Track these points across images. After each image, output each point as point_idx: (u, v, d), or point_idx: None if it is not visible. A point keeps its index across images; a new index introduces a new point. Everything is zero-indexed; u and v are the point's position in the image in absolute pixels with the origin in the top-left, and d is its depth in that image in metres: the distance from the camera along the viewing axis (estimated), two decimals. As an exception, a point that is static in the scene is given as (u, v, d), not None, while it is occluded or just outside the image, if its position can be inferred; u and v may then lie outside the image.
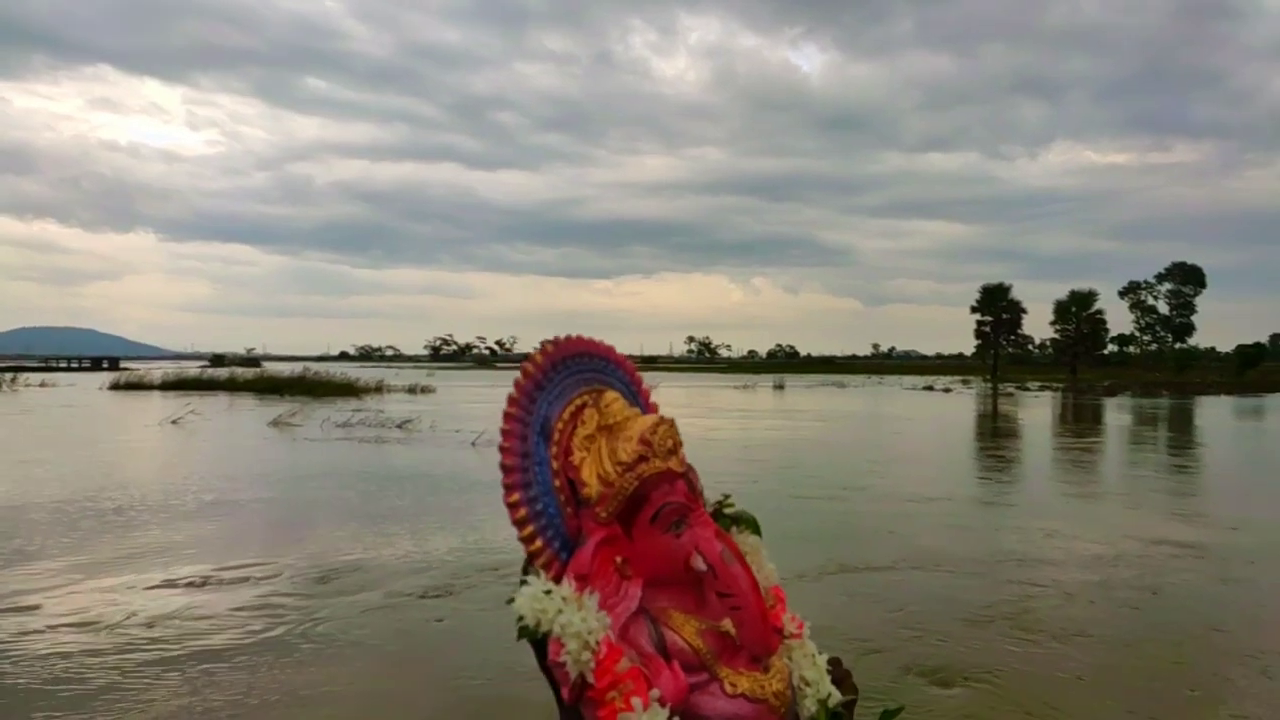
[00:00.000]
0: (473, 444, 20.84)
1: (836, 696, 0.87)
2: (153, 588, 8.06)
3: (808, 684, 0.87)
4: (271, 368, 73.88)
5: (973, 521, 12.07)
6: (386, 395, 44.03)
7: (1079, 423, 33.79)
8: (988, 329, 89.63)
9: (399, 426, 25.43)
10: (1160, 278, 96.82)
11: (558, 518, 0.86)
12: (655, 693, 0.74)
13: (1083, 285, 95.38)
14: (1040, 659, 6.45)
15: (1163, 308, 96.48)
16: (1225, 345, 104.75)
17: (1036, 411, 39.56)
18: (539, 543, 0.85)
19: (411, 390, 48.36)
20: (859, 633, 6.70)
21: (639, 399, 0.98)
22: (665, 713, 0.74)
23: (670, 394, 52.76)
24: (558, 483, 0.88)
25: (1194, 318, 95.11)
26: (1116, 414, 37.54)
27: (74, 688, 5.59)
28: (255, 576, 8.45)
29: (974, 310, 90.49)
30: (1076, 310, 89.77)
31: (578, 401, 0.93)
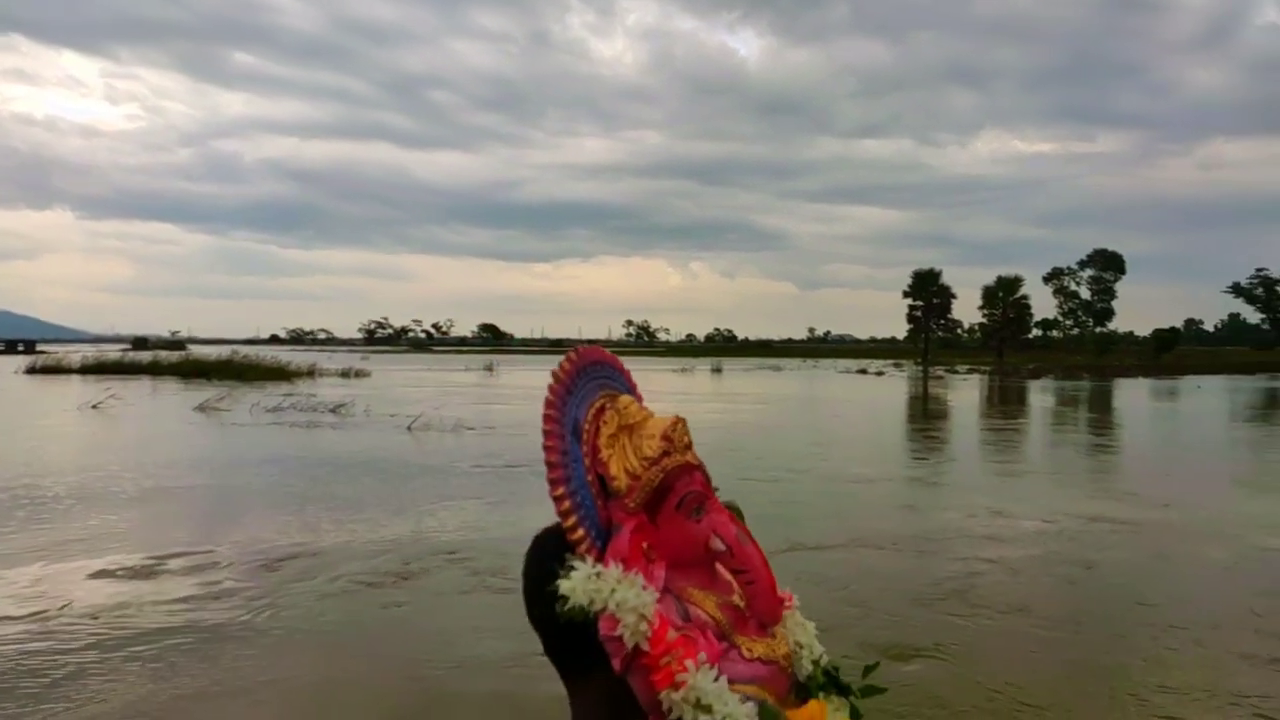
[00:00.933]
0: (409, 428, 20.55)
1: (826, 656, 1.00)
2: (93, 576, 7.78)
3: (802, 646, 0.99)
4: (197, 351, 71.52)
5: (914, 501, 12.35)
6: (319, 379, 43.03)
7: (1007, 405, 34.85)
8: (919, 313, 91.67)
9: (333, 411, 24.83)
10: (1082, 264, 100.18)
11: (592, 509, 0.94)
12: (702, 655, 0.85)
13: (1009, 271, 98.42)
14: (989, 634, 6.63)
15: (1084, 293, 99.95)
16: (1143, 329, 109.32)
17: (966, 394, 40.67)
18: (580, 531, 0.91)
19: (345, 374, 47.29)
20: (811, 612, 6.78)
21: (634, 393, 1.09)
22: (714, 671, 0.84)
23: (609, 377, 52.77)
24: (590, 478, 0.96)
25: (1114, 303, 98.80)
26: (1041, 396, 38.80)
27: (33, 681, 5.39)
28: (199, 564, 8.20)
29: (906, 295, 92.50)
30: (1003, 295, 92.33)
31: (597, 404, 1.01)
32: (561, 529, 0.95)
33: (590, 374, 1.03)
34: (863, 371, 66.03)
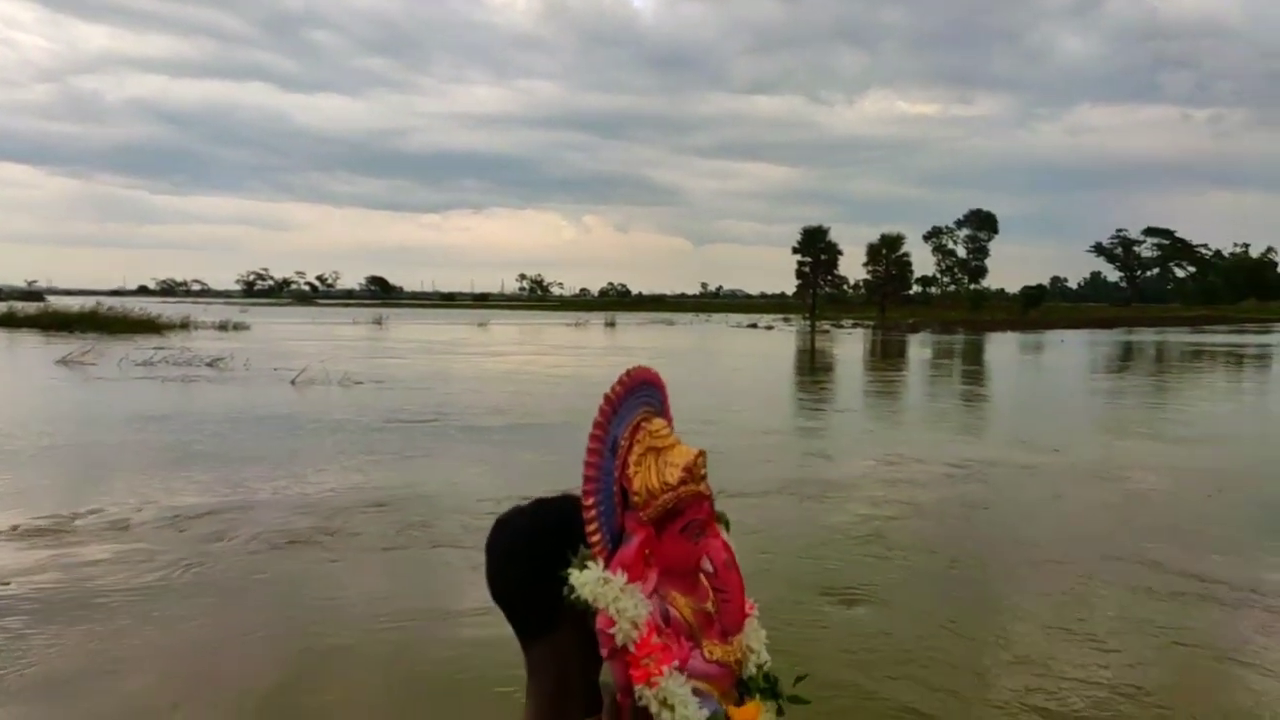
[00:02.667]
0: (292, 382, 19.71)
1: (769, 662, 1.13)
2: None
3: (751, 651, 1.12)
4: (58, 302, 66.38)
5: (822, 450, 12.63)
6: (194, 332, 40.64)
7: (894, 358, 36.09)
8: (808, 269, 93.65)
9: (209, 365, 23.54)
10: (959, 223, 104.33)
11: (611, 517, 1.08)
12: (675, 663, 1.01)
13: (892, 229, 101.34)
14: (911, 574, 6.83)
15: (961, 251, 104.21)
16: (1013, 286, 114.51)
17: (853, 348, 41.90)
18: (598, 537, 1.06)
19: (223, 327, 44.87)
20: (740, 558, 6.76)
21: (666, 411, 1.19)
22: (683, 677, 1.01)
23: (503, 331, 52.04)
24: (616, 488, 1.09)
25: (987, 261, 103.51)
26: (923, 349, 40.30)
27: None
28: (106, 525, 7.71)
29: (795, 251, 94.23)
30: (886, 253, 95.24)
31: (635, 421, 1.13)
32: (523, 511, 1.17)
33: (637, 393, 1.14)
34: (753, 326, 67.15)
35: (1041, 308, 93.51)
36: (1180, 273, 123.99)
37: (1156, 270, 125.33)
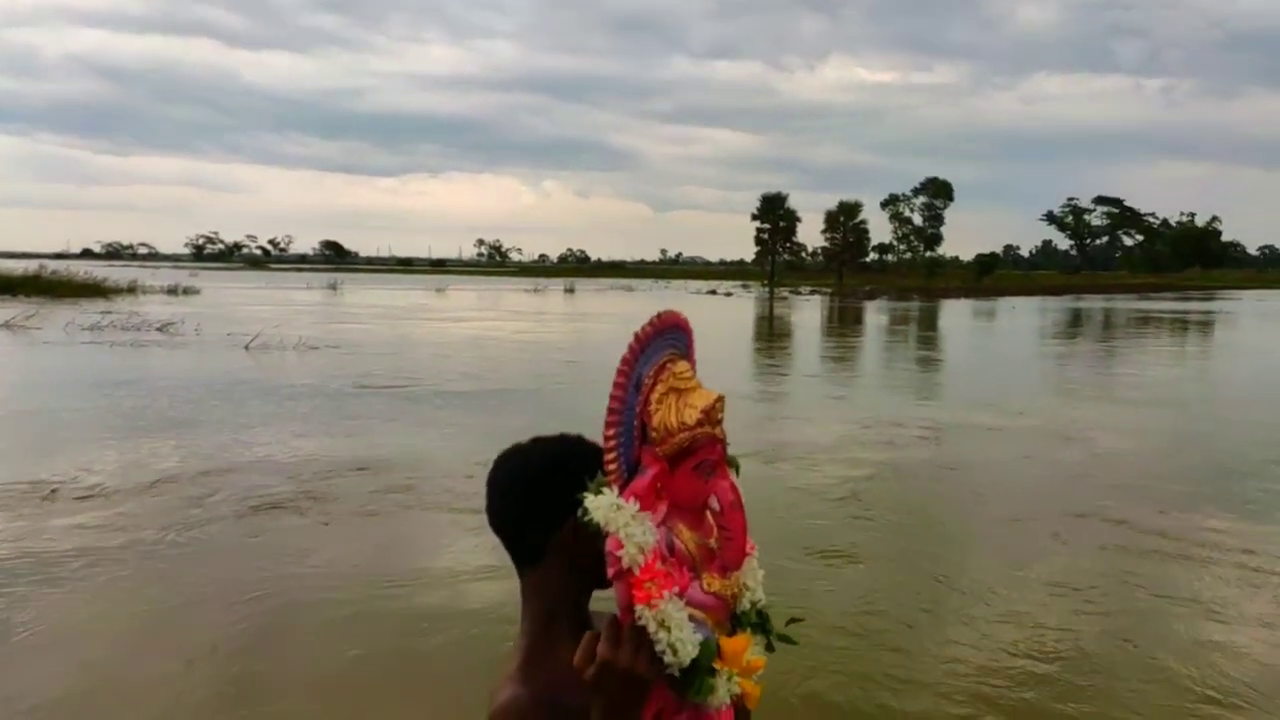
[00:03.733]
0: (246, 348, 19.32)
1: (763, 600, 1.20)
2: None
3: (747, 588, 1.18)
4: (-6, 265, 64.25)
5: (795, 414, 12.74)
6: (142, 297, 39.50)
7: (855, 324, 36.43)
8: (767, 236, 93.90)
9: (159, 329, 23.02)
10: (916, 191, 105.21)
11: (629, 449, 1.12)
12: (675, 589, 1.06)
13: (850, 197, 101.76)
14: (904, 533, 6.96)
15: (917, 219, 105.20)
16: (967, 254, 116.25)
17: (812, 314, 42.20)
18: (614, 465, 1.11)
19: (172, 291, 43.75)
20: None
21: (690, 355, 1.23)
22: (681, 602, 1.06)
23: (462, 297, 51.44)
24: (636, 423, 1.13)
25: (942, 229, 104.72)
26: (881, 316, 40.72)
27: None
28: (80, 491, 7.56)
29: (755, 218, 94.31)
30: (844, 220, 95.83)
31: (661, 362, 1.17)
32: (522, 449, 1.26)
33: (665, 336, 1.17)
34: (713, 293, 67.21)
35: (994, 275, 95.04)
36: (1129, 241, 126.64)
37: (1105, 239, 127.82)
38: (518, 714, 1.12)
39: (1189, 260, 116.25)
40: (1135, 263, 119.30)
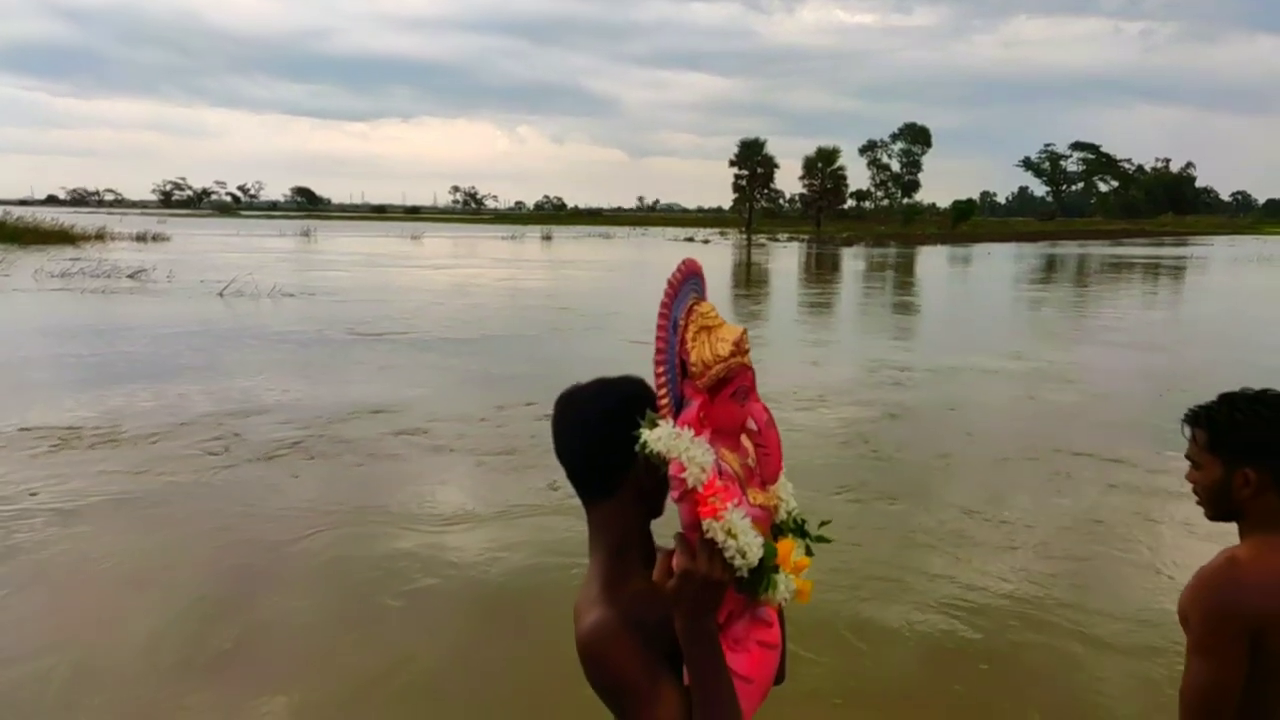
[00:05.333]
0: (220, 294, 19.07)
1: (798, 509, 1.31)
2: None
3: (782, 500, 1.29)
4: (-46, 213, 62.46)
5: (804, 358, 12.73)
6: (111, 244, 38.64)
7: (837, 271, 36.43)
8: (744, 183, 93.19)
9: (130, 277, 22.69)
10: (894, 137, 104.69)
11: (675, 384, 1.23)
12: (735, 500, 1.15)
13: (829, 143, 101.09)
14: (909, 471, 7.03)
15: (895, 166, 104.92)
16: (944, 201, 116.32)
17: (791, 261, 42.04)
18: (666, 400, 1.20)
19: (141, 238, 42.78)
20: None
21: (704, 295, 1.36)
22: (742, 511, 1.15)
23: (439, 245, 50.74)
24: (676, 361, 1.24)
25: (920, 175, 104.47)
26: (861, 262, 40.70)
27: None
28: (87, 438, 7.42)
29: (732, 164, 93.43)
30: (822, 166, 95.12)
31: (689, 304, 1.27)
32: (586, 389, 1.33)
33: (691, 282, 1.29)
34: (690, 239, 66.80)
35: (970, 222, 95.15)
36: (1104, 187, 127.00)
37: (1081, 185, 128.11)
38: (609, 634, 1.20)
39: (1163, 206, 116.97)
40: (1110, 209, 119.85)
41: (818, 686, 3.79)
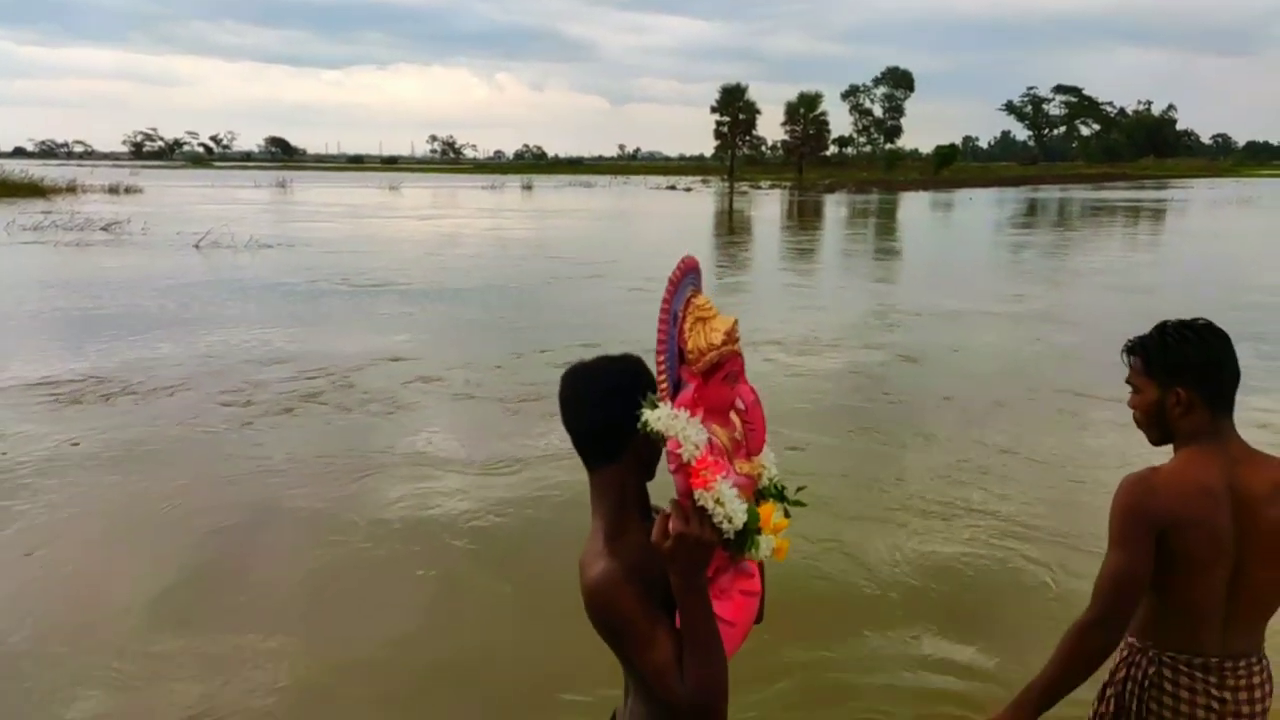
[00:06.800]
0: (196, 246, 18.82)
1: (778, 476, 1.46)
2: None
3: (765, 468, 1.45)
4: (-83, 166, 60.87)
5: (808, 303, 12.76)
6: (82, 196, 37.81)
7: (821, 218, 36.35)
8: (726, 130, 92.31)
9: (104, 229, 22.37)
10: (876, 81, 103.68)
11: (675, 369, 1.38)
12: (725, 473, 1.31)
13: (811, 88, 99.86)
14: (916, 411, 7.12)
15: (878, 111, 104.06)
16: (927, 146, 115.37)
17: (775, 209, 41.83)
18: (664, 385, 1.35)
19: (113, 191, 41.98)
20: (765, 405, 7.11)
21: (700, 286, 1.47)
22: (730, 483, 1.31)
23: (419, 196, 50.01)
24: (677, 348, 1.38)
25: (903, 120, 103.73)
26: (844, 210, 40.57)
27: None
28: (95, 389, 7.40)
29: (714, 110, 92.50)
30: (805, 112, 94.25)
31: (688, 297, 1.40)
32: (590, 366, 1.47)
33: (689, 277, 1.40)
34: (672, 188, 66.29)
35: (953, 167, 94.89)
36: (1086, 131, 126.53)
37: (1063, 129, 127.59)
38: (614, 583, 1.37)
39: (1144, 149, 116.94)
40: (1091, 153, 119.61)
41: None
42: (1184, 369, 1.84)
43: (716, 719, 1.38)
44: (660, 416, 1.31)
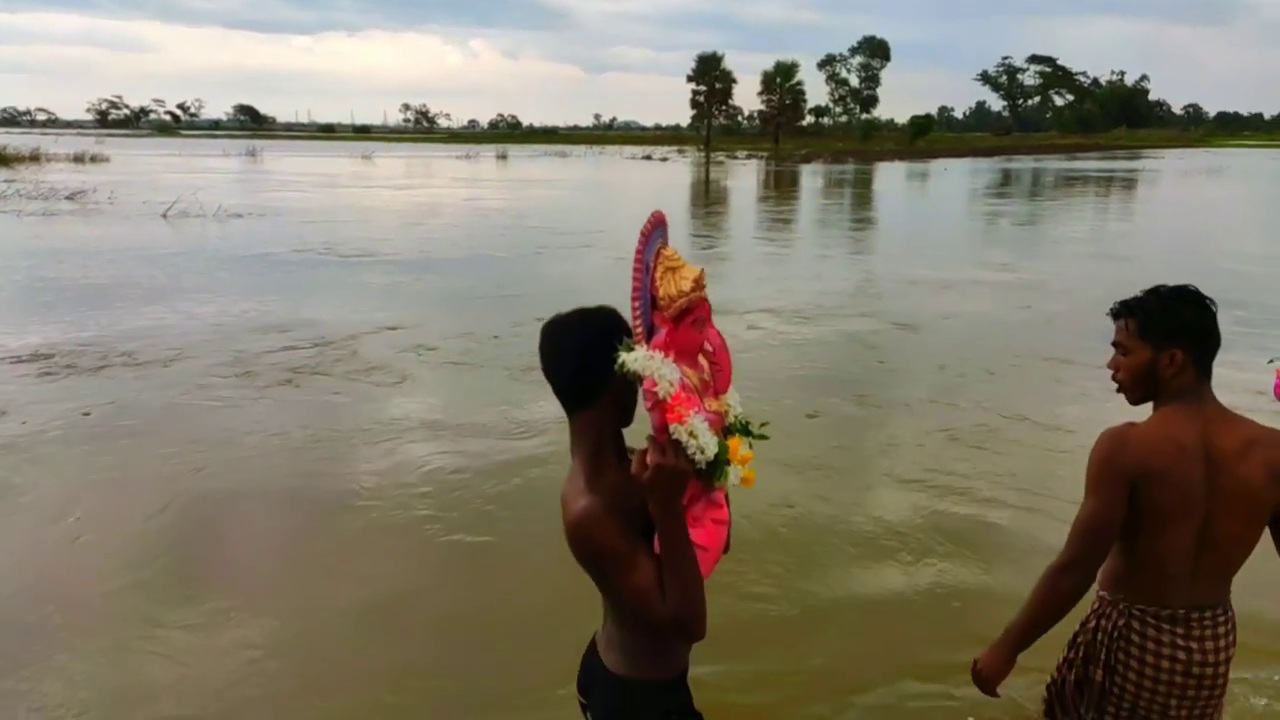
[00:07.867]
0: (164, 215, 18.55)
1: (743, 413, 1.59)
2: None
3: (731, 406, 1.58)
4: None
5: (809, 273, 12.82)
6: (46, 165, 36.95)
7: (798, 188, 36.28)
8: (702, 99, 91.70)
9: (69, 199, 21.94)
10: (853, 51, 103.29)
11: (648, 315, 1.48)
12: (696, 408, 1.43)
13: (787, 57, 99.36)
14: (911, 379, 7.18)
15: (854, 80, 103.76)
16: (902, 116, 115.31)
17: (751, 179, 41.68)
18: (639, 329, 1.46)
19: (79, 159, 41.00)
20: (761, 370, 7.08)
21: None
22: (702, 417, 1.43)
23: (393, 165, 49.30)
24: (649, 296, 1.48)
25: (879, 90, 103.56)
26: (816, 179, 40.47)
27: None
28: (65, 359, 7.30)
29: (690, 80, 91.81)
30: (781, 82, 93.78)
31: (658, 248, 1.50)
32: (568, 318, 1.57)
33: (658, 231, 1.50)
34: (648, 158, 65.82)
35: (928, 138, 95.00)
36: (1060, 101, 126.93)
37: (1038, 99, 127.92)
38: (596, 516, 1.49)
39: (1117, 119, 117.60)
40: (1065, 123, 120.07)
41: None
42: (1179, 332, 1.92)
43: (696, 629, 1.51)
44: (637, 358, 1.42)
